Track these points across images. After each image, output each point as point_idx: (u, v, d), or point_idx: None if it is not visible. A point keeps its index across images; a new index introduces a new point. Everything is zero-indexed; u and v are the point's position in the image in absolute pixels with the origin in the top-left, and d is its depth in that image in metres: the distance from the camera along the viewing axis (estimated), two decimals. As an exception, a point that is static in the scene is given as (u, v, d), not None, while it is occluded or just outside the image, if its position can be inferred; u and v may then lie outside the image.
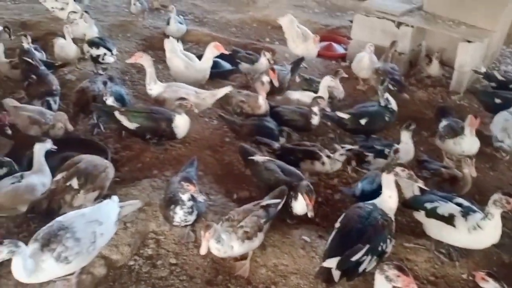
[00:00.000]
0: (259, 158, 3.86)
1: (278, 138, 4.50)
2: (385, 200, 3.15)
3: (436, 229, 3.36)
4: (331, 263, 2.85)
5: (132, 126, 4.33)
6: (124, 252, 3.35)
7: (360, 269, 2.90)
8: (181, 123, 4.31)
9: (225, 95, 4.90)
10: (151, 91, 4.89)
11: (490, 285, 2.81)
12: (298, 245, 3.48)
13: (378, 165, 4.17)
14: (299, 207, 3.46)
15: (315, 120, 4.63)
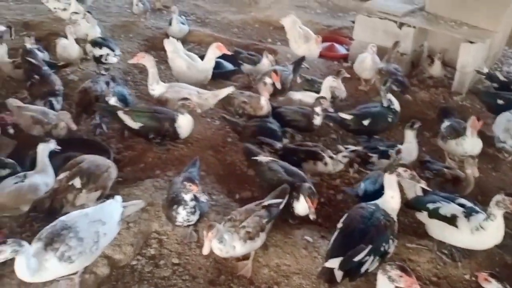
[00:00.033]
0: (262, 159, 3.87)
1: (281, 140, 4.50)
2: (387, 200, 3.15)
3: (438, 230, 3.36)
4: (333, 263, 2.85)
5: (136, 125, 4.34)
6: (127, 252, 3.36)
7: (363, 269, 2.90)
8: (184, 123, 4.32)
9: (227, 95, 4.90)
10: (154, 92, 4.90)
11: (493, 285, 2.82)
12: (300, 245, 3.48)
13: (382, 166, 4.16)
14: (301, 208, 3.46)
15: (317, 120, 4.63)
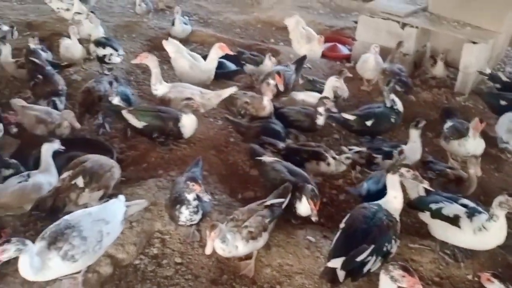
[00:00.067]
0: (267, 159, 3.87)
1: (285, 141, 4.48)
2: (390, 200, 3.15)
3: (441, 230, 3.35)
4: (336, 263, 2.85)
5: (140, 124, 4.35)
6: (130, 251, 3.37)
7: (365, 269, 2.90)
8: (188, 123, 4.33)
9: (230, 96, 4.90)
10: (157, 91, 4.91)
11: (496, 286, 2.82)
12: (302, 245, 3.48)
13: (387, 167, 4.15)
14: (303, 208, 3.46)
15: (320, 120, 4.63)
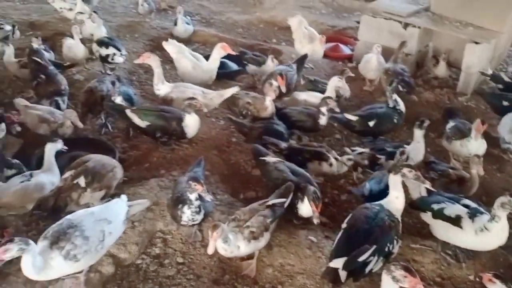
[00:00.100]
0: (270, 159, 3.88)
1: (288, 141, 4.47)
2: (392, 201, 3.15)
3: (442, 231, 3.35)
4: (337, 263, 2.85)
5: (143, 124, 4.35)
6: (132, 251, 3.38)
7: (367, 269, 2.90)
8: (191, 123, 4.33)
9: (232, 96, 4.91)
10: (159, 91, 4.91)
11: (497, 286, 2.82)
12: (304, 245, 3.48)
13: (390, 167, 4.16)
14: (305, 209, 3.46)
15: (322, 120, 4.62)
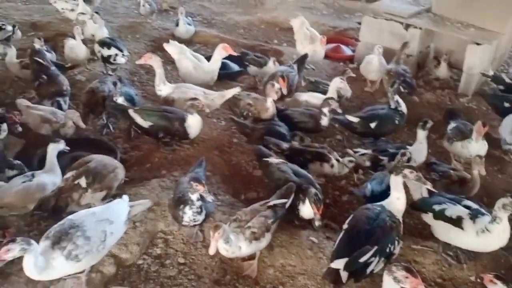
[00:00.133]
0: (273, 160, 3.88)
1: (290, 143, 4.45)
2: (393, 201, 3.15)
3: (444, 232, 3.35)
4: (339, 264, 2.86)
5: (146, 124, 4.36)
6: (133, 251, 3.38)
7: (368, 270, 2.90)
8: (194, 123, 4.34)
9: (233, 97, 4.91)
10: (160, 92, 4.92)
11: (498, 287, 2.81)
12: (305, 245, 3.48)
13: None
14: (306, 211, 3.46)
15: (324, 121, 4.62)
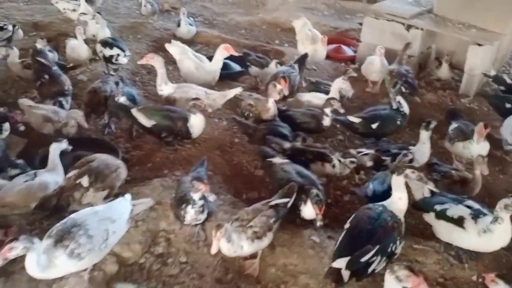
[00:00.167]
0: (277, 160, 3.89)
1: (292, 143, 4.46)
2: (395, 201, 3.16)
3: (445, 231, 3.35)
4: (340, 263, 2.86)
5: (149, 123, 4.36)
6: (136, 249, 3.39)
7: (370, 269, 2.91)
8: (196, 123, 4.35)
9: (235, 97, 4.92)
10: (162, 92, 4.93)
11: (500, 287, 2.81)
12: (307, 245, 3.48)
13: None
14: (308, 212, 3.46)
15: (326, 121, 4.63)
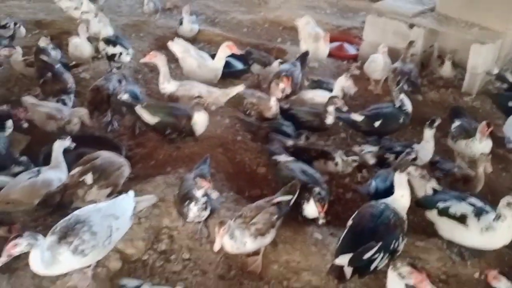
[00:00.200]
0: (282, 158, 3.89)
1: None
2: (397, 199, 3.17)
3: (448, 229, 3.36)
4: (343, 260, 2.87)
5: (153, 120, 4.37)
6: (139, 246, 3.39)
7: (372, 266, 2.92)
8: (200, 120, 4.35)
9: (238, 95, 4.93)
10: (165, 90, 4.94)
11: (502, 284, 2.83)
12: (310, 242, 3.49)
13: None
14: (310, 210, 3.47)
15: (329, 119, 4.63)
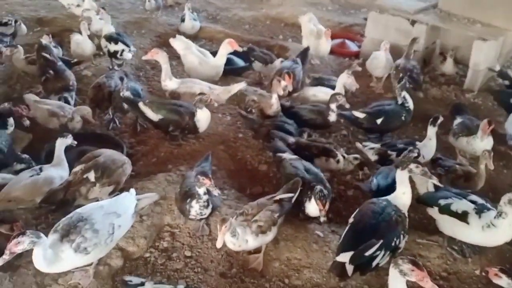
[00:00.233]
0: (287, 156, 3.91)
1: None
2: (399, 196, 3.17)
3: (449, 226, 3.35)
4: (344, 257, 2.88)
5: (156, 117, 4.37)
6: (140, 244, 3.40)
7: (373, 263, 2.92)
8: (203, 117, 4.36)
9: (239, 92, 4.92)
10: (166, 87, 4.95)
11: (503, 281, 2.82)
12: (311, 239, 3.50)
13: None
14: (312, 208, 3.47)
15: (332, 117, 4.62)
